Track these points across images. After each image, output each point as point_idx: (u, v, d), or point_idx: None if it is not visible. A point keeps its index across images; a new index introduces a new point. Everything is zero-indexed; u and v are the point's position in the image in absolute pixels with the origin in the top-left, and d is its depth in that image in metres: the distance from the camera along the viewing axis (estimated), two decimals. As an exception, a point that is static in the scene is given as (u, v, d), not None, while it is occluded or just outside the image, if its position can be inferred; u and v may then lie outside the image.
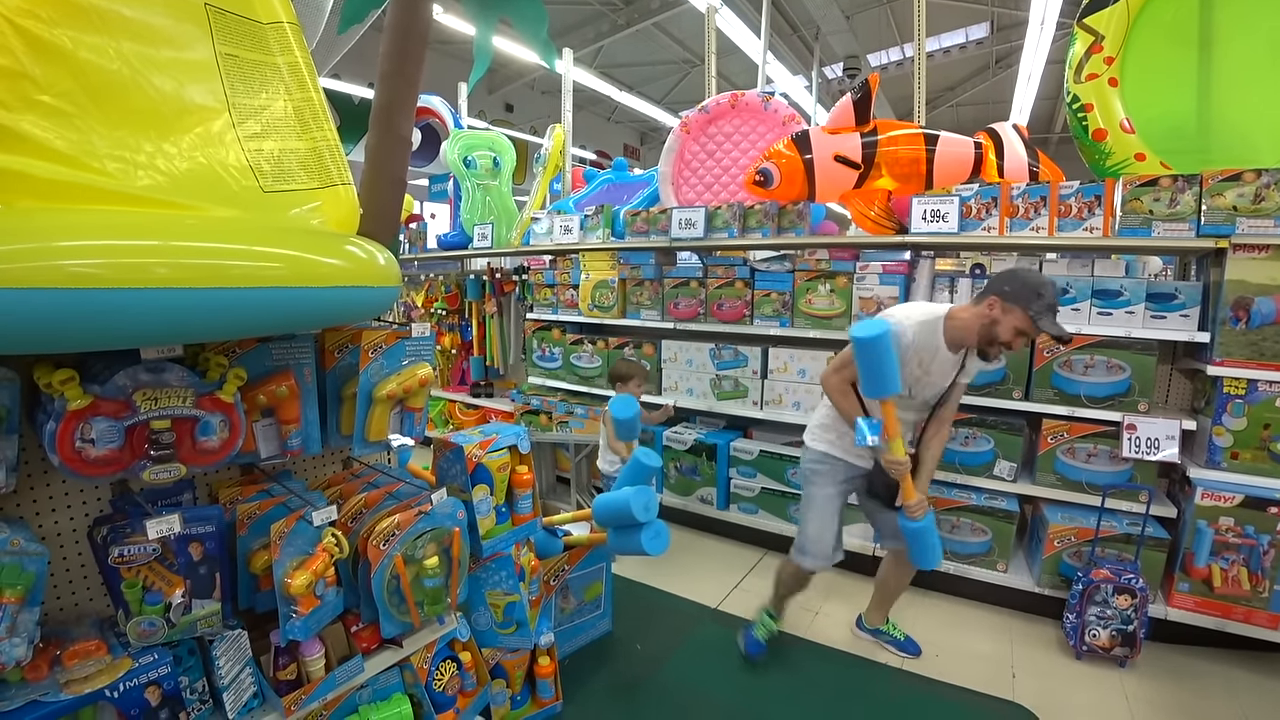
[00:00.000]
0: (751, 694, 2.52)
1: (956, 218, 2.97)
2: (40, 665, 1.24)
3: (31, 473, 1.42)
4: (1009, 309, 2.16)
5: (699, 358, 3.81)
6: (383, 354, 1.64)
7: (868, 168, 3.31)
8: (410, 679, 1.85)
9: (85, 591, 1.52)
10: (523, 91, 13.61)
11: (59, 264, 1.01)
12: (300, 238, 1.37)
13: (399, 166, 1.92)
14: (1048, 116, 14.17)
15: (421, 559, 1.72)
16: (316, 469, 2.01)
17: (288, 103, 1.52)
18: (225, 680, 1.48)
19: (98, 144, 1.15)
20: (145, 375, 1.26)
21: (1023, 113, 11.28)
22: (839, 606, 3.14)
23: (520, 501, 2.12)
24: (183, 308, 1.13)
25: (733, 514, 3.79)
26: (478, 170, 4.82)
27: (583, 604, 2.76)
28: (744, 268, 3.62)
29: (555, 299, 4.43)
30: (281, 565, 1.49)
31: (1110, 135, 3.22)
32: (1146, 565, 2.69)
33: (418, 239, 5.62)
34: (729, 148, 4.19)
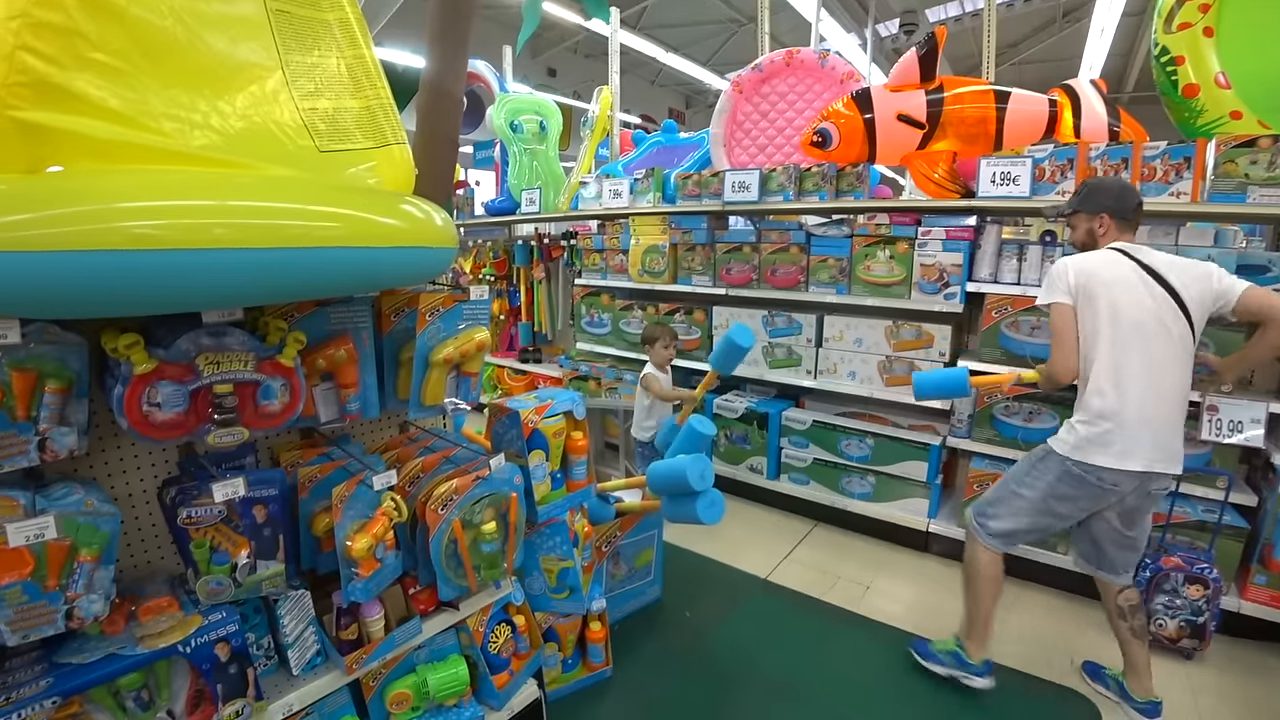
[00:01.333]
0: (801, 667, 2.49)
1: (1028, 181, 2.80)
2: (117, 620, 1.28)
3: (103, 436, 1.44)
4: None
5: (751, 324, 3.73)
6: (440, 317, 1.62)
7: (932, 127, 3.15)
8: (466, 641, 1.87)
9: (157, 551, 1.55)
10: (565, 56, 13.42)
11: (120, 225, 1.00)
12: (357, 197, 1.34)
13: (452, 127, 1.89)
14: (1120, 74, 13.38)
15: (479, 524, 1.72)
16: (374, 433, 2.02)
17: (340, 60, 1.48)
18: (290, 638, 1.51)
19: (153, 103, 1.13)
20: (207, 339, 1.26)
21: (1094, 70, 10.65)
22: (890, 582, 3.08)
23: (575, 468, 2.10)
24: (241, 268, 1.12)
25: (783, 484, 3.74)
26: (524, 135, 4.77)
27: (634, 571, 2.76)
28: (799, 232, 3.50)
29: (604, 264, 4.38)
30: (343, 528, 1.50)
31: (1203, 91, 2.97)
32: (1221, 555, 2.54)
33: (465, 205, 5.62)
34: (783, 107, 4.05)
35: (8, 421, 1.12)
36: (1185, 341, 2.00)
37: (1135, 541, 2.15)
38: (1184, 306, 1.99)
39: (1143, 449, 1.97)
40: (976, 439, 3.08)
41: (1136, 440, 1.97)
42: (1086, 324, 2.07)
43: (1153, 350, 1.99)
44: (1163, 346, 1.99)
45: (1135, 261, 2.05)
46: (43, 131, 1.02)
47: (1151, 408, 1.98)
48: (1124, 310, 2.01)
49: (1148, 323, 1.99)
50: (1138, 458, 1.97)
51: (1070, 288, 2.09)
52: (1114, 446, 1.98)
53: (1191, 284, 2.00)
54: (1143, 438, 1.97)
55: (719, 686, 2.38)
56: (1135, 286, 2.02)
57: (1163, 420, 1.99)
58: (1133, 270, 2.04)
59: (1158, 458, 1.97)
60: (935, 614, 2.80)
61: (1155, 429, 1.98)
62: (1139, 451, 1.97)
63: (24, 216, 0.94)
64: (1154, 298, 2.00)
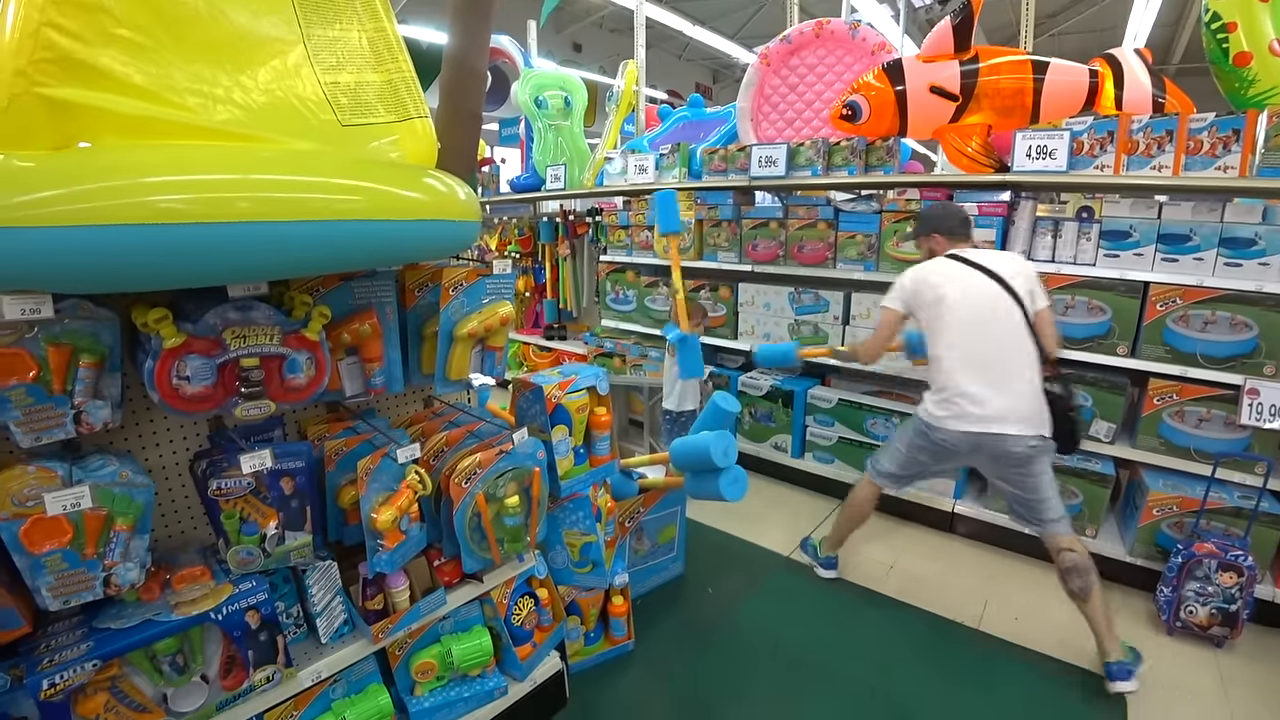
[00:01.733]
0: (822, 644, 2.49)
1: (1066, 155, 2.70)
2: (153, 588, 1.32)
3: (136, 410, 1.48)
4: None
5: (777, 301, 3.69)
6: (463, 292, 1.62)
7: (966, 99, 3.05)
8: (490, 612, 1.90)
9: (189, 521, 1.59)
10: (591, 30, 13.25)
11: (147, 200, 1.02)
12: (380, 170, 1.35)
13: (475, 101, 1.88)
14: (1165, 45, 12.82)
15: (502, 497, 1.73)
16: (399, 407, 2.05)
17: (361, 34, 1.48)
18: (318, 607, 1.55)
19: (177, 78, 1.14)
20: (233, 313, 1.28)
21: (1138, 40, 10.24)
22: (913, 562, 3.06)
23: (598, 443, 2.11)
24: (265, 242, 1.13)
25: (808, 463, 3.72)
26: (549, 110, 4.73)
27: (656, 546, 2.77)
28: (827, 208, 3.45)
29: (629, 240, 4.36)
30: (368, 500, 1.52)
31: (1256, 59, 2.82)
32: (1257, 542, 2.47)
33: (490, 182, 5.61)
34: (812, 80, 3.96)
35: (45, 395, 1.14)
36: (1016, 318, 2.30)
37: (1036, 500, 2.33)
38: (1012, 291, 2.30)
39: (975, 415, 2.28)
40: (1006, 419, 3.02)
41: (968, 408, 2.29)
42: (925, 318, 2.42)
43: (990, 330, 2.30)
44: (998, 325, 2.30)
45: (965, 262, 2.39)
46: (70, 108, 1.04)
47: (987, 380, 2.28)
48: (956, 301, 2.33)
49: (981, 308, 2.31)
50: (969, 422, 2.29)
51: (904, 295, 2.46)
52: (950, 411, 2.33)
53: (1016, 275, 2.34)
54: (975, 406, 2.28)
55: (740, 662, 2.39)
56: (965, 281, 2.35)
57: (1001, 389, 2.27)
58: (963, 269, 2.38)
59: (993, 421, 2.26)
60: (958, 594, 2.78)
61: (991, 398, 2.26)
62: (970, 418, 2.29)
63: (54, 192, 0.96)
64: (984, 287, 2.33)
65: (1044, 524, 2.34)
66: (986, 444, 2.29)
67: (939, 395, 2.38)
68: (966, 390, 2.29)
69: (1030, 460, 2.29)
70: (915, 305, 2.44)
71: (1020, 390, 2.27)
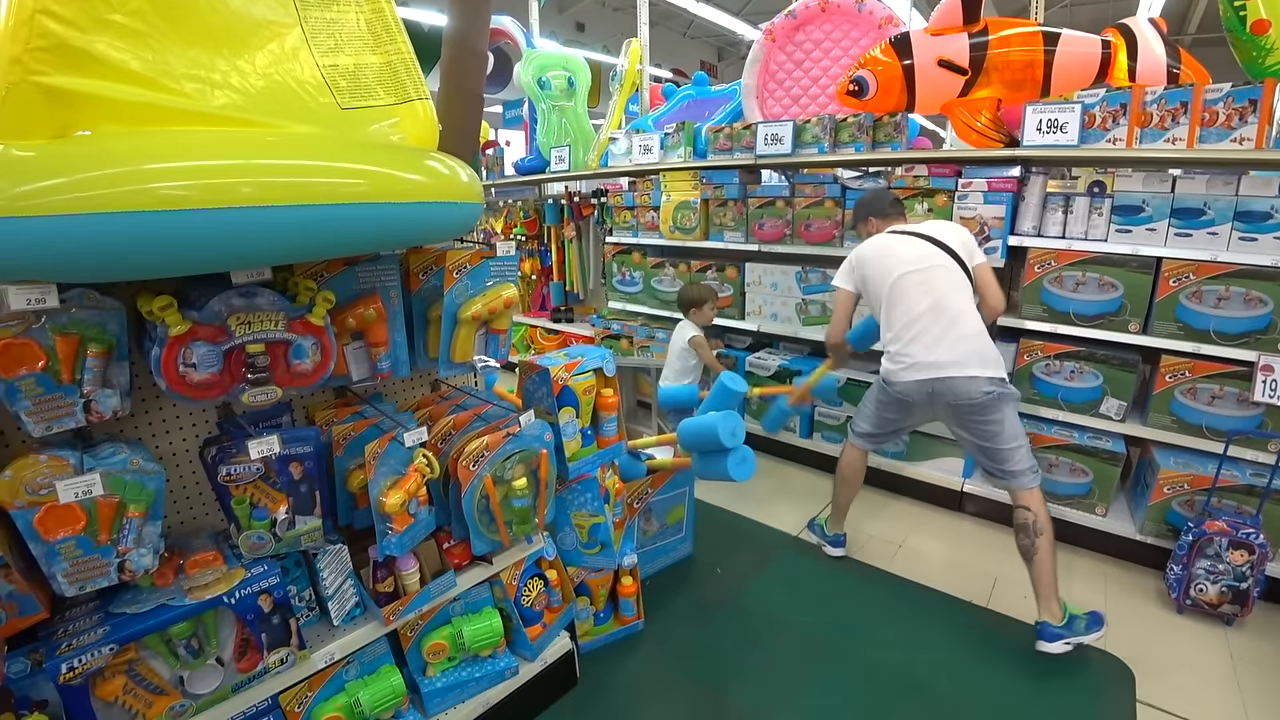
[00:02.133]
0: (830, 623, 2.51)
1: (1077, 128, 2.65)
2: (166, 573, 1.34)
3: (145, 397, 1.49)
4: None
5: (784, 281, 3.67)
6: (467, 274, 1.61)
7: (975, 73, 3.00)
8: (500, 594, 1.92)
9: (201, 507, 1.61)
10: (593, 10, 13.10)
11: (148, 187, 1.01)
12: (381, 153, 1.34)
13: (476, 81, 1.86)
14: (1182, 14, 12.54)
15: (510, 480, 1.74)
16: (406, 391, 2.05)
17: (359, 15, 1.46)
18: (329, 590, 1.57)
19: (173, 63, 1.13)
20: (238, 300, 1.28)
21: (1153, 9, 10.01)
22: (922, 541, 3.06)
23: (605, 425, 2.11)
24: (268, 227, 1.12)
25: (816, 443, 3.71)
26: (552, 91, 4.68)
27: (665, 527, 2.79)
28: (834, 186, 3.40)
29: (635, 221, 4.33)
30: (376, 484, 1.53)
31: (1274, 27, 2.74)
32: (1269, 520, 2.45)
33: (495, 165, 5.58)
34: (818, 56, 3.90)
35: (54, 385, 1.15)
36: (952, 267, 2.46)
37: (996, 450, 2.39)
38: (946, 247, 2.49)
39: (924, 363, 2.39)
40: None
41: (918, 357, 2.41)
42: (872, 290, 2.59)
43: (929, 281, 2.44)
44: (935, 276, 2.44)
45: (897, 233, 2.60)
46: (66, 96, 1.03)
47: (932, 330, 2.40)
48: (892, 267, 2.49)
49: (916, 263, 2.47)
50: (919, 370, 2.41)
51: (849, 272, 2.67)
52: (901, 364, 2.46)
53: (950, 234, 2.54)
54: (925, 354, 2.39)
55: (749, 641, 2.41)
56: (899, 247, 2.54)
57: (945, 336, 2.38)
58: (895, 238, 2.58)
59: (943, 367, 2.36)
60: (967, 572, 2.79)
61: (936, 344, 2.38)
62: (920, 366, 2.40)
63: (55, 181, 0.96)
64: (916, 247, 2.51)
65: (1007, 476, 2.39)
66: (940, 390, 2.39)
67: (891, 350, 2.51)
68: (915, 341, 2.42)
69: (987, 407, 2.34)
70: (860, 278, 2.62)
71: (965, 333, 2.38)
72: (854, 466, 2.86)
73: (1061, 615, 2.27)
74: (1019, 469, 2.36)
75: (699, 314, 3.38)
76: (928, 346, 2.39)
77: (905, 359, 2.44)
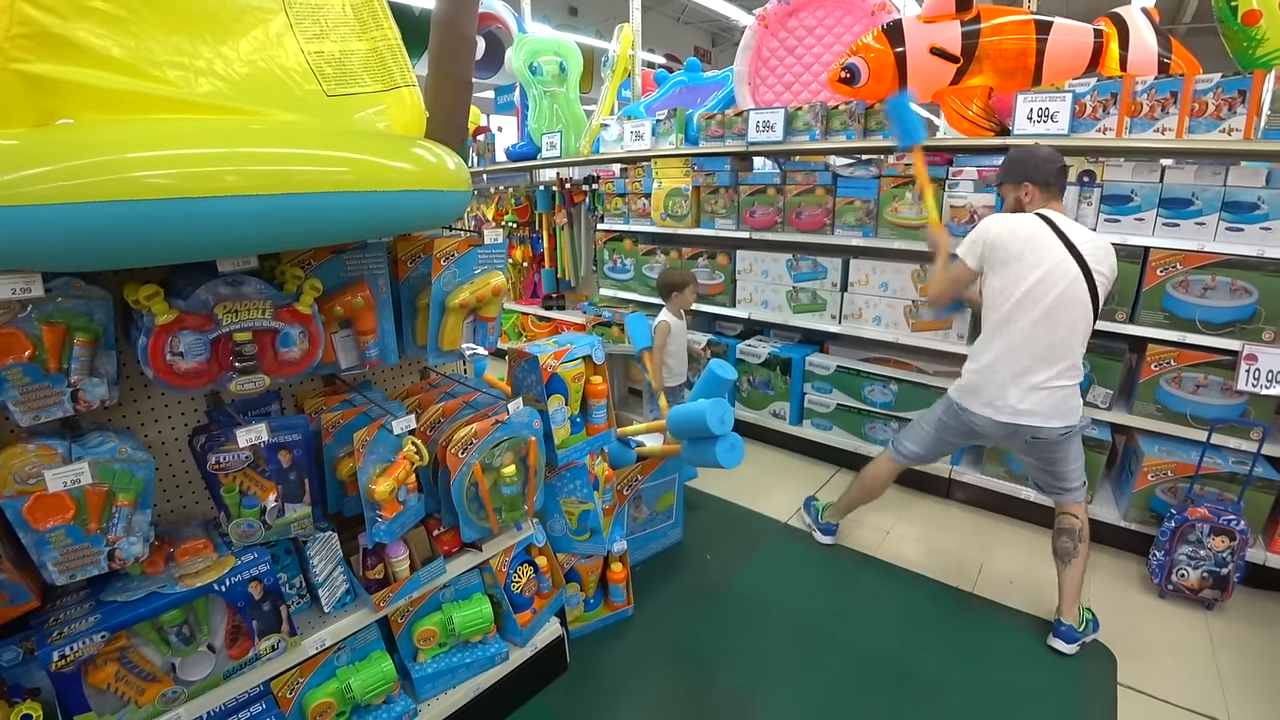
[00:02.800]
0: (819, 609, 2.54)
1: (1068, 117, 2.66)
2: (157, 561, 1.34)
3: (133, 386, 1.49)
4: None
5: (775, 269, 3.67)
6: (455, 262, 1.61)
7: (967, 61, 3.00)
8: (490, 580, 1.94)
9: (191, 495, 1.61)
10: (588, -9, 12.97)
11: (132, 176, 1.01)
12: (367, 141, 1.33)
13: (464, 68, 1.84)
14: (1176, 4, 12.51)
15: (499, 467, 1.75)
16: (395, 379, 2.06)
17: (345, 1, 1.45)
18: (320, 577, 1.58)
19: (156, 51, 1.12)
20: (224, 288, 1.28)
21: (1147, -1, 9.98)
22: (910, 527, 3.09)
23: (595, 412, 2.12)
24: (254, 215, 1.12)
25: (806, 430, 3.74)
26: (544, 76, 4.65)
27: (655, 514, 2.81)
28: (825, 173, 3.40)
29: (627, 209, 4.32)
30: (365, 472, 1.54)
31: (1265, 18, 2.75)
32: (1250, 507, 2.49)
33: (486, 151, 5.54)
34: (811, 42, 3.88)
35: (41, 374, 1.15)
36: (1084, 310, 2.14)
37: (1060, 473, 2.32)
38: (1091, 280, 2.13)
39: (1012, 408, 2.20)
40: (1003, 384, 3.03)
41: (1004, 395, 2.21)
42: (995, 281, 2.23)
43: (1056, 320, 2.13)
44: (1066, 315, 2.13)
45: (1056, 231, 2.16)
46: (48, 84, 1.02)
47: (1035, 373, 2.17)
48: (1037, 278, 2.13)
49: (1058, 295, 2.12)
50: (1005, 413, 2.22)
51: (984, 249, 2.25)
52: (982, 395, 2.27)
53: (1103, 259, 2.16)
54: (1011, 393, 2.20)
55: (738, 626, 2.44)
56: (1052, 257, 2.14)
57: (1045, 384, 2.17)
58: (1053, 240, 2.15)
59: (1030, 415, 2.19)
60: (953, 558, 2.82)
61: (1033, 392, 2.17)
62: (1007, 410, 2.21)
63: (38, 170, 0.95)
64: (1067, 271, 2.12)
65: (1063, 493, 2.35)
66: (1021, 432, 2.25)
67: (979, 376, 2.28)
68: (1016, 380, 2.19)
69: (1061, 444, 2.26)
70: (991, 261, 2.23)
71: (1063, 384, 2.18)
72: (881, 479, 2.71)
73: (1081, 620, 2.29)
74: (1075, 485, 2.32)
75: (680, 298, 3.32)
76: (1026, 391, 2.18)
77: (994, 393, 2.24)
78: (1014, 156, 2.37)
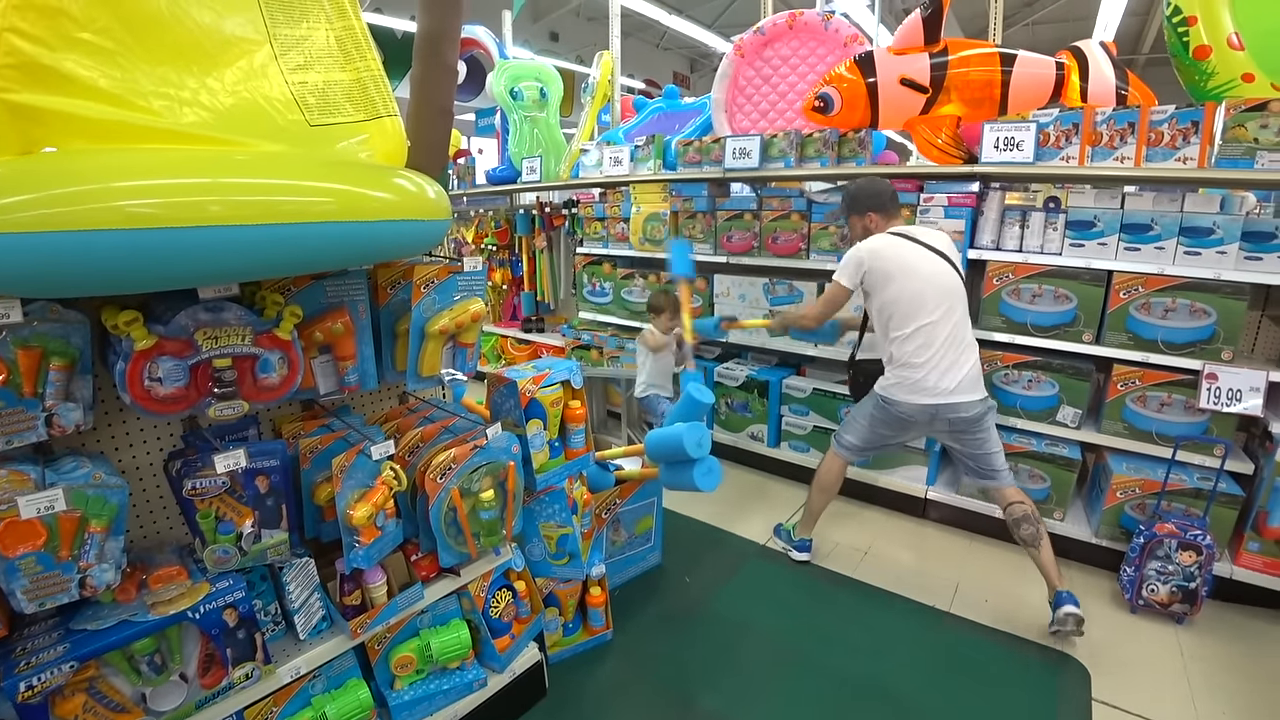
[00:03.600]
0: (798, 631, 2.55)
1: (1032, 146, 2.76)
2: (129, 588, 1.32)
3: (109, 411, 1.48)
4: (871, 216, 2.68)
5: (752, 292, 3.73)
6: (435, 289, 1.63)
7: (936, 91, 3.10)
8: (468, 606, 1.93)
9: (165, 521, 1.60)
10: (568, 19, 13.17)
11: (117, 205, 1.02)
12: (349, 171, 1.35)
13: (445, 96, 1.87)
14: (1135, 35, 12.98)
15: (477, 492, 1.76)
16: (374, 404, 2.06)
17: (329, 32, 1.48)
18: (296, 604, 1.56)
19: (142, 81, 1.14)
20: (205, 314, 1.28)
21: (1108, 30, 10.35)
22: (888, 547, 3.12)
23: (573, 436, 2.13)
24: (237, 245, 1.13)
25: (784, 452, 3.77)
26: (524, 102, 4.72)
27: (633, 537, 2.81)
28: (800, 199, 3.48)
29: (605, 232, 4.37)
30: (344, 497, 1.54)
31: (1215, 53, 2.89)
32: (1216, 522, 2.56)
33: (466, 174, 5.59)
34: (786, 72, 3.98)
35: (15, 399, 1.15)
36: (963, 295, 2.52)
37: (985, 455, 2.57)
38: (955, 268, 2.53)
39: (933, 389, 2.46)
40: (976, 406, 3.09)
41: (928, 383, 2.47)
42: (882, 296, 2.54)
43: (950, 311, 2.47)
44: (956, 306, 2.49)
45: (912, 241, 2.55)
46: (34, 113, 1.04)
47: (945, 358, 2.46)
48: (919, 285, 2.48)
49: (941, 291, 2.47)
50: (928, 395, 2.48)
51: (858, 271, 2.57)
52: (910, 388, 2.51)
53: (949, 247, 2.58)
54: (935, 381, 2.46)
55: (717, 649, 2.44)
56: (922, 264, 2.50)
57: (955, 365, 2.47)
58: (909, 248, 2.54)
59: (950, 393, 2.46)
60: (929, 577, 2.85)
61: (947, 373, 2.46)
62: (929, 392, 2.47)
63: (22, 198, 0.96)
64: (940, 270, 2.50)
65: (996, 475, 2.56)
66: (943, 413, 2.49)
67: (900, 373, 2.54)
68: (931, 367, 2.46)
69: (979, 420, 2.50)
70: (871, 283, 2.56)
71: (972, 358, 2.50)
72: (833, 474, 2.89)
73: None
74: (1004, 467, 2.57)
75: (658, 321, 3.38)
76: (942, 373, 2.45)
77: (915, 383, 2.49)
78: (852, 193, 2.75)
